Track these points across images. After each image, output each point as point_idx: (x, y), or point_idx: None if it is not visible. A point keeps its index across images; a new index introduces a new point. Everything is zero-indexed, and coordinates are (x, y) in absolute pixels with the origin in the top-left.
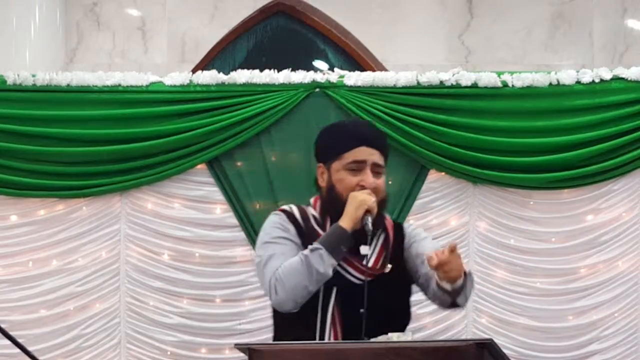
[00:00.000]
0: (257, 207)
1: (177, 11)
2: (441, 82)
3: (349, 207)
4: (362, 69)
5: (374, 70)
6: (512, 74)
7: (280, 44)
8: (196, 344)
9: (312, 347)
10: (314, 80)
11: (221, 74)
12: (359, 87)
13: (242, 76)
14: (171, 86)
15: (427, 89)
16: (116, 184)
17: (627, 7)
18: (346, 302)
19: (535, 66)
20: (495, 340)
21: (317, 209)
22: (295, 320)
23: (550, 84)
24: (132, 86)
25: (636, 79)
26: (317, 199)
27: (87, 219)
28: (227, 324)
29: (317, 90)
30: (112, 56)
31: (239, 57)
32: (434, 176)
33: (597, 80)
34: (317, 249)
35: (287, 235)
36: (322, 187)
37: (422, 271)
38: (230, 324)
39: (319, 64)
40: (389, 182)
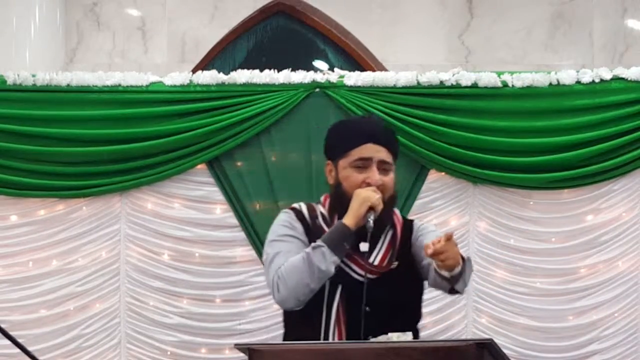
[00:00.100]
0: (257, 207)
1: (177, 11)
2: (441, 82)
3: (352, 204)
4: (362, 69)
5: (374, 70)
6: (512, 74)
7: (280, 44)
8: (196, 344)
9: (312, 347)
10: (314, 80)
11: (221, 74)
12: (359, 87)
13: (242, 76)
14: (171, 86)
15: (427, 89)
16: (116, 184)
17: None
18: (351, 300)
19: (535, 66)
20: (495, 340)
21: (326, 207)
22: (301, 318)
23: (550, 84)
24: (132, 86)
25: (636, 79)
26: (327, 196)
27: (87, 219)
28: (227, 324)
29: (317, 90)
30: (112, 56)
31: (239, 57)
32: (434, 176)
33: (597, 80)
34: (319, 246)
35: (293, 233)
36: (330, 184)
37: (426, 261)
38: (230, 324)
39: (319, 64)
40: None
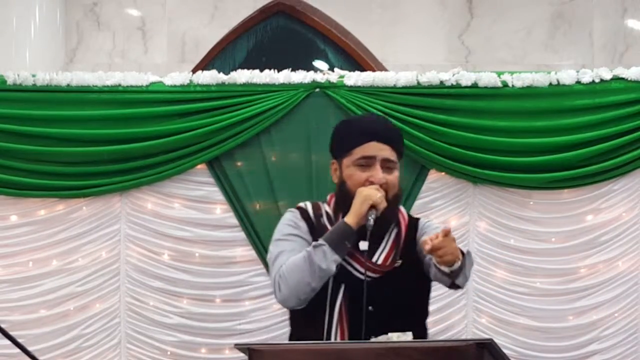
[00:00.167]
0: (257, 207)
1: (177, 11)
2: (441, 82)
3: (354, 203)
4: (362, 69)
5: (374, 70)
6: (512, 74)
7: (280, 44)
8: (196, 344)
9: (312, 347)
10: (314, 80)
11: (221, 74)
12: (359, 87)
13: (242, 76)
14: (171, 86)
15: (427, 89)
16: (116, 184)
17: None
18: (354, 299)
19: (535, 66)
20: (495, 340)
21: (331, 206)
22: (305, 317)
23: (550, 84)
24: (132, 86)
25: (636, 79)
26: (333, 195)
27: (87, 219)
28: (227, 324)
29: (317, 90)
30: (112, 56)
31: (239, 57)
32: (434, 176)
33: (597, 80)
34: (320, 245)
35: (297, 232)
36: (335, 183)
37: (428, 257)
38: (230, 324)
39: (319, 64)
40: None
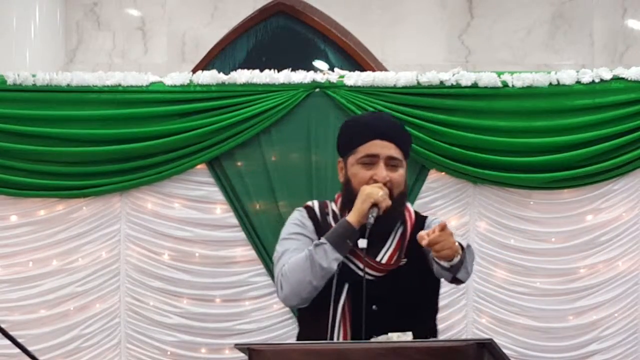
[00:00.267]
0: (257, 207)
1: (177, 11)
2: (441, 82)
3: (356, 201)
4: (362, 69)
5: (374, 70)
6: (512, 74)
7: (280, 44)
8: (196, 344)
9: (312, 347)
10: (314, 80)
11: (221, 74)
12: (359, 87)
13: (242, 76)
14: (171, 86)
15: (427, 89)
16: (116, 184)
17: (627, 7)
18: (358, 298)
19: (535, 66)
20: (495, 340)
21: (338, 204)
22: (311, 316)
23: (550, 84)
24: (132, 86)
25: (636, 79)
26: (340, 194)
27: (87, 219)
28: (227, 324)
29: (317, 90)
30: (112, 56)
31: (239, 57)
32: (434, 176)
33: (597, 80)
34: (322, 243)
35: (303, 231)
36: (341, 182)
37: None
38: (230, 324)
39: (319, 64)
40: None
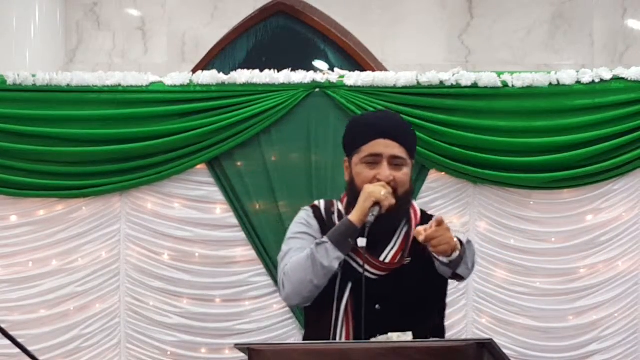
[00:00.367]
0: (257, 207)
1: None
2: (441, 82)
3: (359, 200)
4: (362, 69)
5: (374, 70)
6: (512, 74)
7: (280, 44)
8: (196, 344)
9: (312, 347)
10: (314, 80)
11: (221, 74)
12: (359, 87)
13: (242, 76)
14: (171, 86)
15: (427, 89)
16: (116, 184)
17: (627, 7)
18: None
19: (535, 66)
20: (495, 340)
21: (343, 204)
22: (316, 315)
23: (550, 84)
24: (132, 86)
25: (636, 79)
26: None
27: (87, 219)
28: (227, 324)
29: (317, 90)
30: (112, 56)
31: (239, 57)
32: (434, 176)
33: (597, 80)
34: (323, 242)
35: (308, 230)
36: (346, 181)
37: None
38: (230, 324)
39: (319, 64)
40: None
